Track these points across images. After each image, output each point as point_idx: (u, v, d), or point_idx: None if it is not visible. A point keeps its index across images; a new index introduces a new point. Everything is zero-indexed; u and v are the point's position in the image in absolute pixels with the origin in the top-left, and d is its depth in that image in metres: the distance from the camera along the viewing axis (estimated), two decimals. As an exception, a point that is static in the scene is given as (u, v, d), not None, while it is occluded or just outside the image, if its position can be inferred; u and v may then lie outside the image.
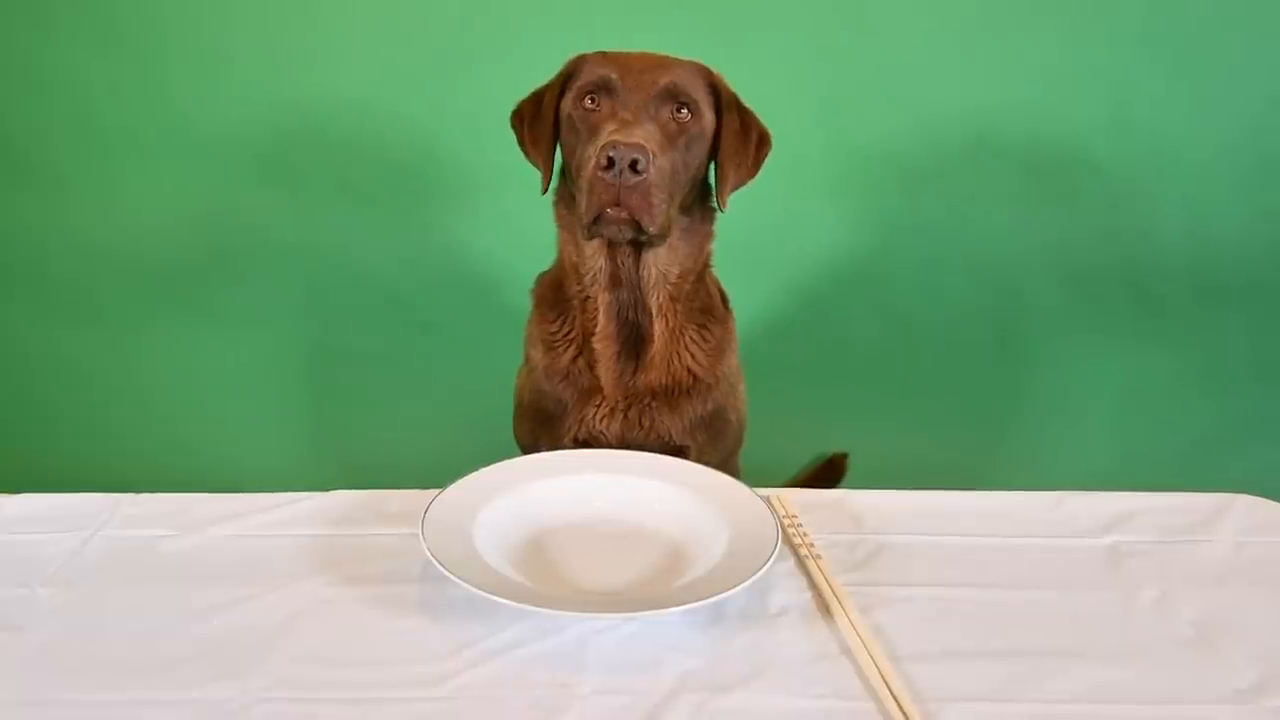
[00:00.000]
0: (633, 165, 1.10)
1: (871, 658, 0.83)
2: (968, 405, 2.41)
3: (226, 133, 2.51)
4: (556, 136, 1.29)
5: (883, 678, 0.81)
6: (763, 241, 2.46)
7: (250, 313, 2.56)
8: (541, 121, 1.30)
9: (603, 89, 1.22)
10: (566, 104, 1.27)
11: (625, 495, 1.06)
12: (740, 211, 1.33)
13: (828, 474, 2.07)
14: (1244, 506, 1.09)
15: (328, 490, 1.12)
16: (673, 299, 1.28)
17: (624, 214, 1.14)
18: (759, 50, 2.48)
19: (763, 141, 1.33)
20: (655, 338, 1.28)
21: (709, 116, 1.26)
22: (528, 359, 1.40)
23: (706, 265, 1.34)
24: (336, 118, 2.51)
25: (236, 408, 2.38)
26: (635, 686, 0.81)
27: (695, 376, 1.30)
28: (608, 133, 1.15)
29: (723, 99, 1.29)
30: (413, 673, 0.83)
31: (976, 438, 2.29)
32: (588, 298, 1.29)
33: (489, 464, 1.11)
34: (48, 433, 2.34)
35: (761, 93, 2.41)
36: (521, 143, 1.34)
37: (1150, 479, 1.27)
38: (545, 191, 1.32)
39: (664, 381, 1.29)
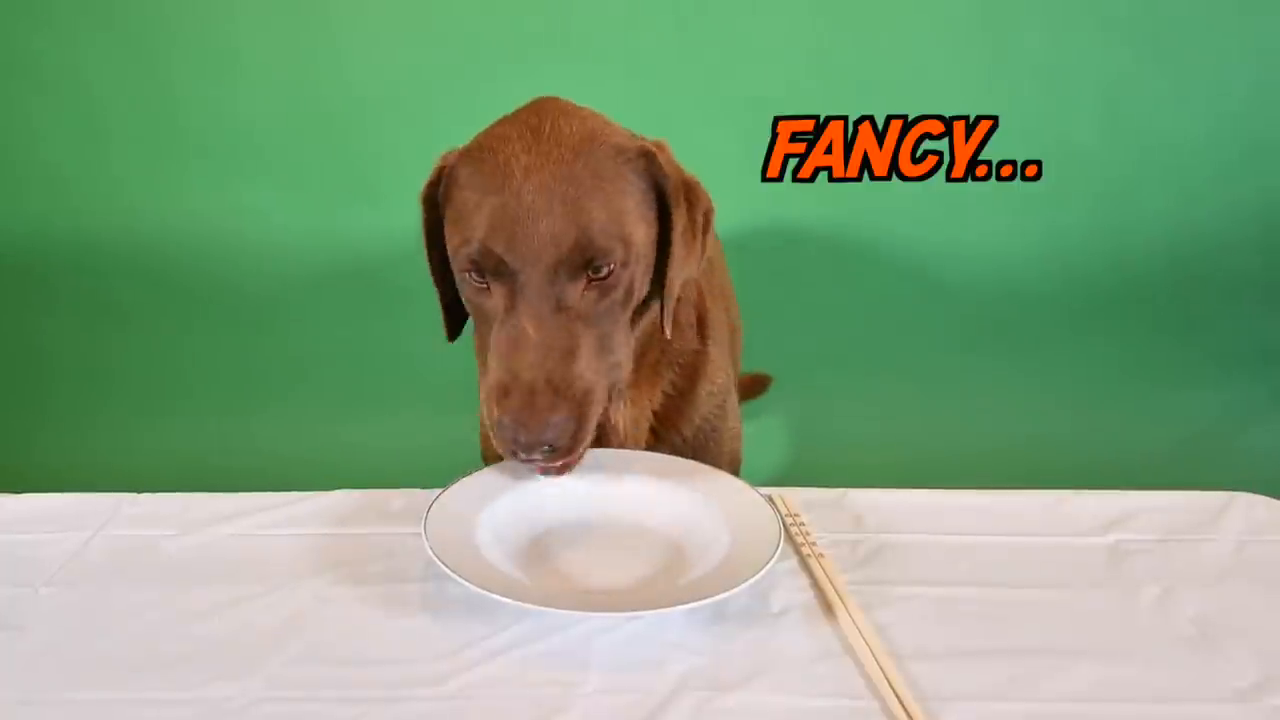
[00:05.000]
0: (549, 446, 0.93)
1: (874, 656, 0.83)
2: (963, 400, 2.41)
3: (232, 131, 2.51)
4: (438, 264, 1.08)
5: (885, 676, 0.81)
6: (763, 237, 2.46)
7: (253, 310, 2.56)
8: (430, 252, 1.08)
9: (488, 270, 0.96)
10: (451, 255, 1.02)
11: (627, 494, 1.06)
12: (741, 208, 1.32)
13: (749, 389, 2.15)
14: (1245, 504, 1.09)
15: (330, 489, 1.12)
16: (639, 369, 1.12)
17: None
18: (755, 50, 2.49)
19: (708, 216, 1.09)
20: (620, 429, 1.13)
21: (643, 232, 1.00)
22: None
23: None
24: (342, 117, 2.51)
25: (238, 404, 2.38)
26: (638, 685, 0.81)
27: (655, 435, 1.18)
28: (499, 367, 0.93)
29: (670, 193, 1.01)
30: (414, 672, 0.82)
31: (973, 431, 2.30)
32: None
33: (491, 463, 1.11)
34: (48, 431, 2.34)
35: (758, 93, 2.43)
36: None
37: (1148, 471, 1.27)
38: (452, 339, 1.13)
39: (633, 446, 1.16)
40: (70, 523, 1.06)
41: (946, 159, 2.57)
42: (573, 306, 0.96)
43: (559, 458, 0.96)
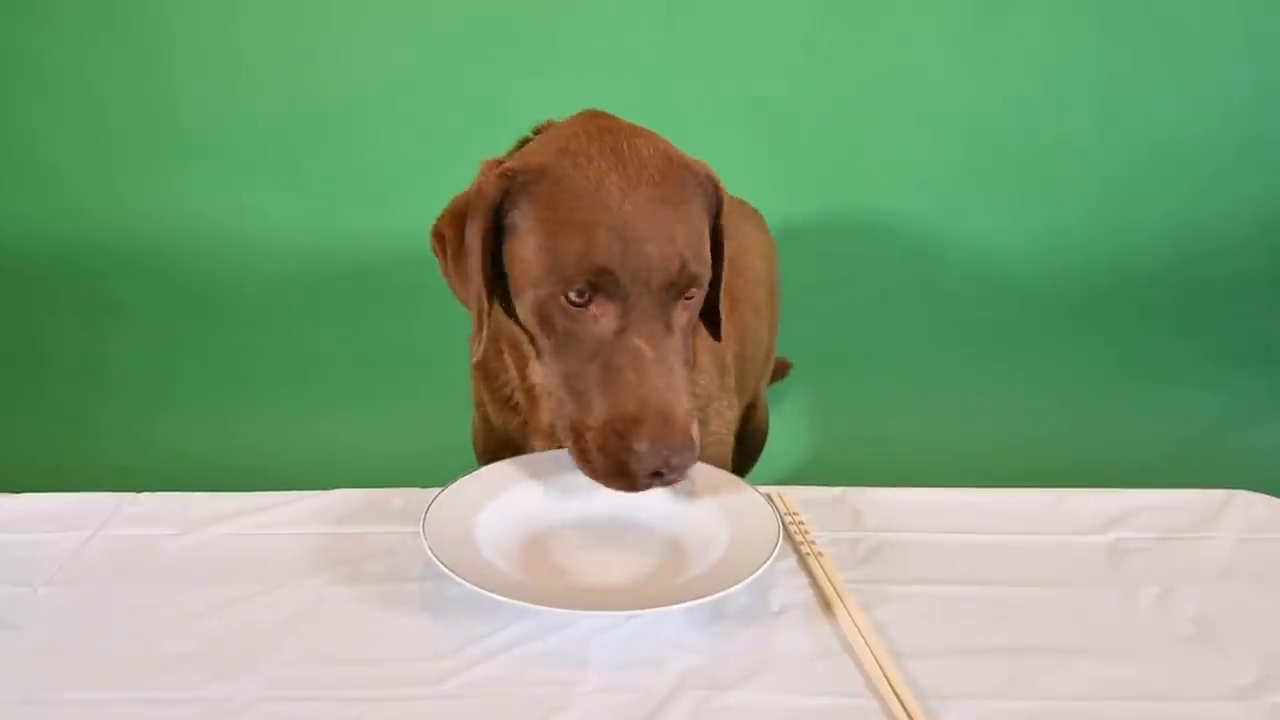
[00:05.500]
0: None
1: (873, 655, 0.83)
2: (964, 399, 2.41)
3: (232, 131, 2.51)
4: (490, 278, 1.02)
5: (885, 675, 0.81)
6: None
7: (252, 309, 2.56)
8: (468, 262, 1.02)
9: (598, 288, 0.95)
10: (530, 273, 0.98)
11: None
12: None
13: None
14: (1245, 503, 1.09)
15: (329, 489, 1.12)
16: None
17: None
18: (757, 49, 2.49)
19: (722, 209, 1.10)
20: None
21: (709, 255, 1.04)
22: (481, 409, 1.25)
23: None
24: (342, 117, 2.51)
25: (238, 404, 2.38)
26: (637, 684, 0.81)
27: None
28: (620, 389, 0.93)
29: (723, 212, 1.06)
30: (414, 671, 0.83)
31: (973, 430, 2.30)
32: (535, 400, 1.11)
33: (481, 457, 1.10)
34: (48, 430, 2.34)
35: (760, 92, 2.41)
36: (445, 274, 1.08)
37: (1148, 471, 1.27)
38: (478, 357, 1.06)
39: None
40: (70, 522, 1.06)
41: (947, 158, 2.57)
42: (675, 329, 0.98)
43: (678, 479, 0.96)
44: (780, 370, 2.22)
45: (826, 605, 0.91)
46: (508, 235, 1.01)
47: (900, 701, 0.77)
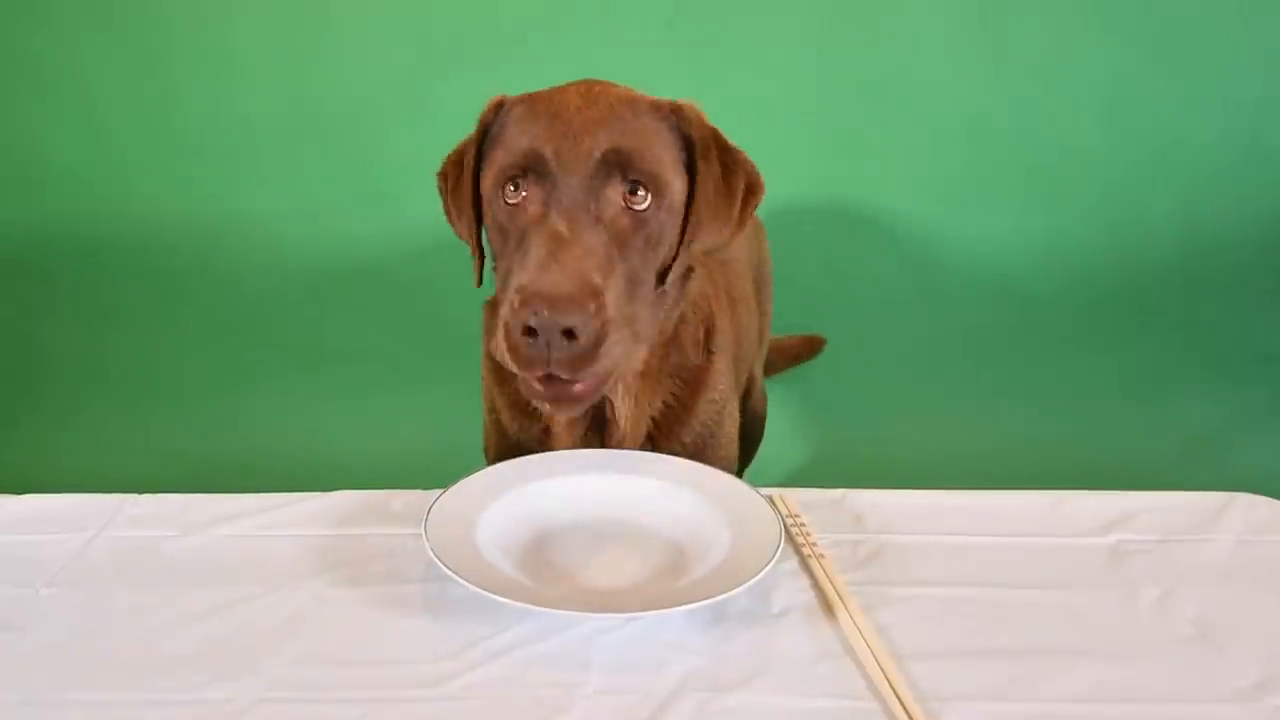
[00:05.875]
0: (567, 332, 0.88)
1: (874, 657, 0.83)
2: (964, 401, 2.41)
3: (229, 130, 2.51)
4: (481, 210, 1.08)
5: (885, 677, 0.81)
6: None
7: (252, 308, 2.56)
8: (462, 191, 1.08)
9: (527, 171, 0.98)
10: (486, 184, 1.04)
11: (628, 495, 1.06)
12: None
13: (801, 351, 2.19)
14: (1245, 505, 1.09)
15: (330, 490, 1.12)
16: (642, 375, 1.13)
17: (563, 390, 0.94)
18: (757, 49, 2.49)
19: (751, 190, 1.12)
20: (620, 421, 1.14)
21: (678, 183, 1.04)
22: (494, 415, 1.24)
23: (682, 315, 1.16)
24: (339, 116, 2.51)
25: (238, 405, 2.38)
26: (638, 686, 0.81)
27: (654, 442, 1.18)
28: (528, 264, 0.91)
29: (697, 144, 1.06)
30: (416, 673, 0.83)
31: (974, 432, 2.30)
32: None
33: (494, 460, 1.11)
34: (47, 429, 2.34)
35: (760, 92, 2.40)
36: (446, 212, 1.14)
37: (1149, 476, 1.27)
38: (479, 283, 1.10)
39: (632, 445, 1.17)
40: (72, 524, 1.06)
41: (949, 160, 2.57)
42: (608, 223, 0.97)
43: (575, 366, 0.90)
44: (816, 346, 2.22)
45: (828, 607, 0.91)
46: (484, 161, 1.06)
47: (901, 703, 0.78)
